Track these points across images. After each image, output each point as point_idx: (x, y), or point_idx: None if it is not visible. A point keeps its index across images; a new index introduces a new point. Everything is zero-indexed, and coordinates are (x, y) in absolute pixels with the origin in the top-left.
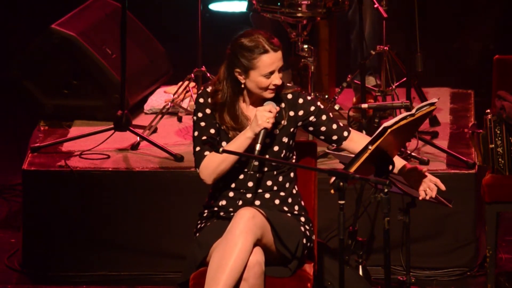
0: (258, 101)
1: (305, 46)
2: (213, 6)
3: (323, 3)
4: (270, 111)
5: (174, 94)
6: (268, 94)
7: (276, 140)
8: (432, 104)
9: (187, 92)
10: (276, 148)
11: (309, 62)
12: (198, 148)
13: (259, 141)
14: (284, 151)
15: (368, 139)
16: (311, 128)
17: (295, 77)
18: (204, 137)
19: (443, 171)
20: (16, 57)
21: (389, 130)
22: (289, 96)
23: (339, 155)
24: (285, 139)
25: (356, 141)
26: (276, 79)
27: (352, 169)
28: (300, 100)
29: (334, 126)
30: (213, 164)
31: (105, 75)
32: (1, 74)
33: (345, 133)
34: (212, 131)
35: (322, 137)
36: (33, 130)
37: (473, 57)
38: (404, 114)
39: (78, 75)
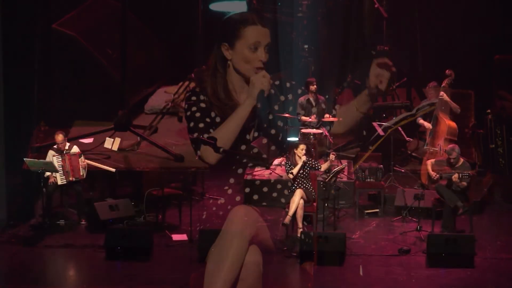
0: (241, 84)
1: (305, 46)
2: (214, 6)
3: (323, 3)
4: (263, 76)
5: (174, 94)
6: (255, 74)
7: (274, 123)
8: (432, 104)
9: (187, 92)
10: (273, 132)
11: (309, 62)
12: (195, 135)
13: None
14: (281, 134)
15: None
16: None
17: None
18: (201, 124)
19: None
20: (16, 57)
21: (389, 130)
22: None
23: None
24: (280, 123)
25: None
26: (263, 55)
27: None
28: None
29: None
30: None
31: (105, 75)
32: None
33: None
34: (208, 120)
35: None
36: (33, 130)
37: (473, 57)
38: (404, 114)
39: (78, 75)
